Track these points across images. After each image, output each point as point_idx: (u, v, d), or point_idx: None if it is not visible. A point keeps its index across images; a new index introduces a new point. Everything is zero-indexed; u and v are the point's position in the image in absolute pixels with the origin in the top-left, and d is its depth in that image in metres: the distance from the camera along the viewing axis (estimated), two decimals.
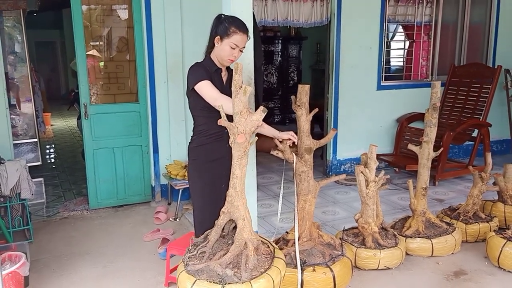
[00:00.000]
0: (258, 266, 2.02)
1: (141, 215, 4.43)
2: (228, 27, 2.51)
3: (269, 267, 2.09)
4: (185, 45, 4.44)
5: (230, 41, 2.50)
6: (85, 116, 4.32)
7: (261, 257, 2.09)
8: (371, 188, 3.16)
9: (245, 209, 2.08)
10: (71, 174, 5.94)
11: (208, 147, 2.41)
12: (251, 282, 2.03)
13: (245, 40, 2.56)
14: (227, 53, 2.51)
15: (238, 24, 2.54)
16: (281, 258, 2.20)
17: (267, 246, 2.35)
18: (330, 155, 5.55)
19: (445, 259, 3.36)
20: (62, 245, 3.75)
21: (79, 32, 4.20)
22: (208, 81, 2.45)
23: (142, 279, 3.17)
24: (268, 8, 4.96)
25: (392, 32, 6.22)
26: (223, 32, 2.51)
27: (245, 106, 1.94)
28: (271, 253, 2.20)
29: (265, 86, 9.16)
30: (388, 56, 5.87)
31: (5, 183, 3.61)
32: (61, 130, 9.62)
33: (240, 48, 2.55)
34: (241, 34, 2.52)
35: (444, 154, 5.09)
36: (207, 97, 2.42)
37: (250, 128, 1.95)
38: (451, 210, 3.86)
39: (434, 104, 3.39)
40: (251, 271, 2.00)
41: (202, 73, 2.48)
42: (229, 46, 2.51)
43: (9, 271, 2.71)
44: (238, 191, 2.05)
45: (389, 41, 5.90)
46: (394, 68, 6.36)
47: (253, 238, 2.06)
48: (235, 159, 2.06)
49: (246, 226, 2.07)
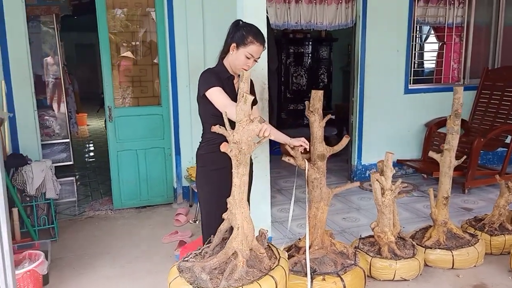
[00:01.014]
0: (244, 278, 1.99)
1: (162, 216, 4.50)
2: (246, 36, 2.47)
3: (252, 282, 2.04)
4: (207, 49, 4.47)
5: (246, 50, 2.47)
6: (110, 118, 4.43)
7: (253, 270, 2.06)
8: (387, 197, 3.08)
9: (244, 218, 2.06)
10: (100, 174, 6.11)
11: (215, 155, 2.42)
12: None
13: (261, 51, 2.53)
14: (242, 62, 2.48)
15: (256, 34, 2.50)
16: (273, 277, 2.10)
17: (275, 258, 2.30)
18: (354, 160, 5.46)
19: (466, 271, 3.23)
20: (85, 244, 3.86)
21: (103, 36, 4.32)
22: (219, 88, 2.43)
23: (156, 281, 3.22)
24: (291, 11, 4.92)
25: (421, 34, 6.04)
26: (240, 40, 2.48)
27: (245, 114, 1.93)
28: (269, 269, 2.14)
29: (294, 88, 9.13)
30: (417, 58, 5.71)
31: (30, 183, 3.76)
32: (96, 130, 9.92)
33: (255, 58, 2.52)
34: (258, 44, 2.48)
35: (474, 161, 4.90)
36: (217, 103, 2.40)
37: (247, 137, 1.94)
38: (476, 221, 3.71)
39: (456, 110, 3.26)
40: (235, 281, 1.99)
41: (213, 80, 2.46)
42: (244, 56, 2.48)
43: (27, 270, 2.81)
44: (236, 200, 2.04)
45: (417, 43, 5.73)
46: (424, 71, 6.17)
47: (244, 249, 2.04)
48: (233, 167, 2.05)
49: (239, 235, 2.05)
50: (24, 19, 4.14)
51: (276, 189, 5.25)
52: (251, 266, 2.12)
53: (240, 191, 2.03)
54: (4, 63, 4.07)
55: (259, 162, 3.26)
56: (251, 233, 2.13)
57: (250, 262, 2.13)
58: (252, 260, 2.14)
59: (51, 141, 6.06)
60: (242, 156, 1.96)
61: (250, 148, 1.98)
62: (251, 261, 2.13)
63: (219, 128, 2.00)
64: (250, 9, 3.06)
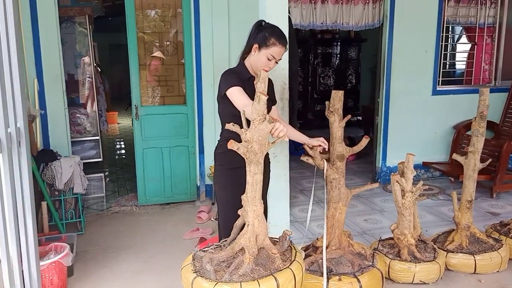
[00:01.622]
0: (248, 275, 2.02)
1: (185, 213, 4.58)
2: (268, 37, 2.48)
3: (253, 279, 2.04)
4: (232, 50, 4.52)
5: (268, 52, 2.48)
6: (136, 116, 4.54)
7: (259, 269, 2.07)
8: (407, 199, 3.05)
9: (255, 216, 2.09)
10: (128, 171, 6.26)
11: (232, 153, 2.45)
12: (219, 283, 2.04)
13: (282, 53, 2.54)
14: (263, 63, 2.50)
15: (278, 35, 2.51)
16: (276, 278, 2.08)
17: (290, 260, 2.31)
18: (379, 162, 5.39)
19: (489, 277, 3.15)
20: (110, 238, 3.98)
21: (132, 36, 4.43)
22: (240, 88, 2.44)
23: (176, 276, 3.27)
24: (317, 11, 4.91)
25: (451, 34, 5.91)
26: (262, 41, 2.49)
27: (259, 114, 1.95)
28: (278, 269, 2.14)
29: (321, 89, 9.08)
30: (446, 59, 5.59)
31: (59, 178, 3.90)
32: (126, 129, 10.15)
33: (276, 59, 2.53)
34: (280, 46, 2.49)
35: (503, 165, 4.76)
36: (237, 103, 2.41)
37: (258, 136, 1.96)
38: (501, 225, 3.61)
39: (481, 112, 3.20)
40: (238, 276, 2.01)
41: (234, 80, 2.48)
42: (266, 57, 2.49)
43: (52, 261, 2.93)
44: (249, 197, 2.07)
45: (448, 44, 5.61)
46: (453, 72, 6.04)
47: (251, 246, 2.07)
48: (246, 165, 2.09)
49: (248, 232, 2.08)
50: (57, 20, 4.30)
51: (299, 189, 5.26)
52: (261, 264, 2.13)
53: (253, 189, 2.06)
54: (37, 62, 4.23)
55: (278, 161, 3.27)
56: (263, 232, 2.15)
57: (260, 260, 2.15)
58: (263, 259, 2.15)
59: (81, 138, 6.25)
60: (251, 155, 1.98)
61: (263, 147, 2.00)
62: (262, 260, 2.15)
63: (232, 126, 2.02)
64: (272, 9, 3.09)
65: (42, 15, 4.20)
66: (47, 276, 2.91)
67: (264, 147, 2.01)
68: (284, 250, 2.31)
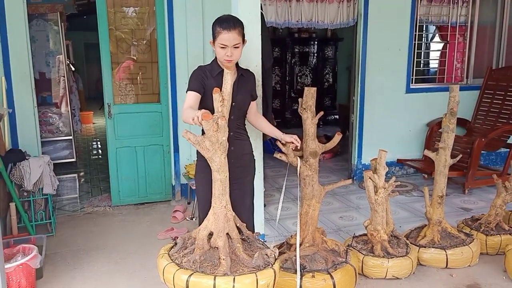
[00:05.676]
0: (197, 262, 2.19)
1: (160, 213, 4.52)
2: (214, 28, 2.50)
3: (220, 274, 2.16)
4: (206, 47, 4.48)
5: (218, 42, 2.48)
6: (109, 115, 4.46)
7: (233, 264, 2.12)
8: (380, 195, 3.06)
9: (213, 213, 2.14)
10: (102, 171, 6.15)
11: None
12: (185, 269, 2.22)
13: (233, 37, 2.45)
14: (221, 55, 2.50)
15: (220, 22, 2.49)
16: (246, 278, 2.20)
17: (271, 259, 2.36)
18: (355, 159, 5.43)
19: (460, 271, 3.20)
20: (81, 240, 3.89)
21: (103, 34, 4.35)
22: (192, 93, 2.54)
23: (149, 277, 3.23)
24: (292, 9, 4.91)
25: (424, 33, 5.99)
26: (213, 34, 2.53)
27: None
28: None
29: (299, 88, 9.10)
30: (419, 58, 5.66)
31: (28, 178, 3.79)
32: (101, 128, 9.96)
33: (231, 46, 2.47)
34: (225, 32, 2.44)
35: (475, 161, 4.85)
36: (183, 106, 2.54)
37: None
38: (472, 220, 3.67)
39: (451, 108, 3.23)
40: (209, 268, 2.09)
41: (194, 82, 2.56)
42: (219, 47, 2.49)
43: (19, 263, 2.84)
44: (216, 195, 2.09)
45: (420, 43, 5.68)
46: (426, 70, 6.13)
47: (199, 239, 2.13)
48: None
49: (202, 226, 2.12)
50: (25, 16, 4.18)
51: (275, 187, 5.25)
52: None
53: (219, 187, 2.08)
54: (5, 59, 4.11)
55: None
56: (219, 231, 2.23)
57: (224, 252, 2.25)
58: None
59: (54, 138, 6.12)
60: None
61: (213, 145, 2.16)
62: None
63: (185, 134, 2.23)
64: (244, 5, 3.06)
65: (10, 12, 4.08)
66: (14, 279, 2.82)
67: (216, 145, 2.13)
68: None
